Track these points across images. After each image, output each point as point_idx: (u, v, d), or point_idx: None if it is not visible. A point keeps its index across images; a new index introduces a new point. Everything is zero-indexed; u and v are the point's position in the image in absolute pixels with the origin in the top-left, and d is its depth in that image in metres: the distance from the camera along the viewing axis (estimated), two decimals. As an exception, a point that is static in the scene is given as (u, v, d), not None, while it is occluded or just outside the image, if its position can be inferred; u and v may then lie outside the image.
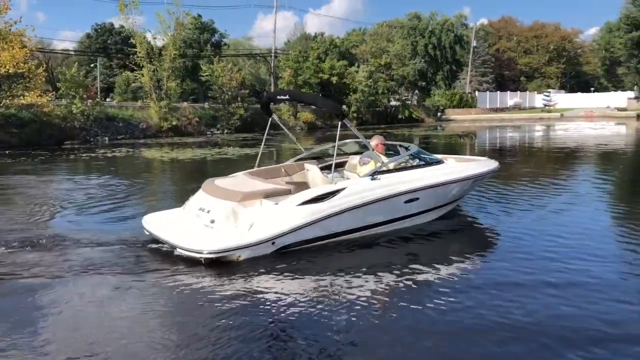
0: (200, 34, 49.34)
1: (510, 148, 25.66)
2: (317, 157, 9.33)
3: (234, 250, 6.44)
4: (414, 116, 53.45)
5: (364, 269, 6.41)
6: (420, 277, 6.22)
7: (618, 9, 67.51)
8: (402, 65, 56.56)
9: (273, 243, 6.71)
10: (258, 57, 63.86)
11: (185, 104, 38.29)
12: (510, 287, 5.83)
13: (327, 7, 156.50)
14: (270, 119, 9.38)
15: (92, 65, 56.81)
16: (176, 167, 18.88)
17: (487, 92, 69.41)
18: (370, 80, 47.71)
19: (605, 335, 4.65)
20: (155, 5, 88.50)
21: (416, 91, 70.02)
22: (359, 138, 8.22)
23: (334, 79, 45.01)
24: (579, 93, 72.92)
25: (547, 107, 65.89)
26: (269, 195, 7.23)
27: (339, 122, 7.66)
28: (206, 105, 40.49)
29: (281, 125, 10.32)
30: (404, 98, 55.91)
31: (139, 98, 41.73)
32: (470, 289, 5.80)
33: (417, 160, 8.60)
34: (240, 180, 8.01)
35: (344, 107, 47.76)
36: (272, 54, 53.29)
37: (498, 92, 70.08)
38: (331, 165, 8.02)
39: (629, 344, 4.52)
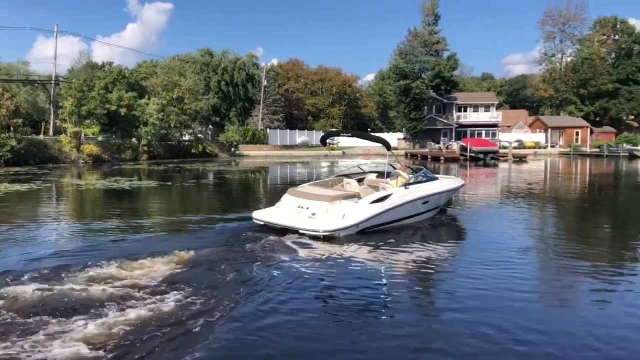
0: (-38, 54, 43.20)
1: (300, 182, 26.57)
2: (348, 175, 13.74)
3: (339, 230, 10.40)
4: (207, 151, 53.30)
5: (410, 243, 10.61)
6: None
7: (388, 59, 76.74)
8: (195, 100, 56.40)
9: (357, 227, 10.74)
10: (36, 84, 58.20)
11: (-60, 132, 32.91)
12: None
13: (118, 36, 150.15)
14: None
15: None
16: None
17: (278, 129, 72.62)
18: (162, 113, 46.52)
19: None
20: None
21: (210, 126, 70.31)
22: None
23: (123, 111, 42.87)
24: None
25: (331, 146, 71.18)
26: (345, 197, 11.26)
27: (388, 152, 12.85)
28: (-32, 134, 35.25)
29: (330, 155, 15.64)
30: (197, 133, 55.56)
31: None
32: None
33: (426, 177, 13.17)
34: (314, 188, 12.08)
35: (134, 139, 45.85)
36: (53, 81, 49.05)
37: (288, 130, 73.77)
38: (359, 179, 13.30)
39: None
